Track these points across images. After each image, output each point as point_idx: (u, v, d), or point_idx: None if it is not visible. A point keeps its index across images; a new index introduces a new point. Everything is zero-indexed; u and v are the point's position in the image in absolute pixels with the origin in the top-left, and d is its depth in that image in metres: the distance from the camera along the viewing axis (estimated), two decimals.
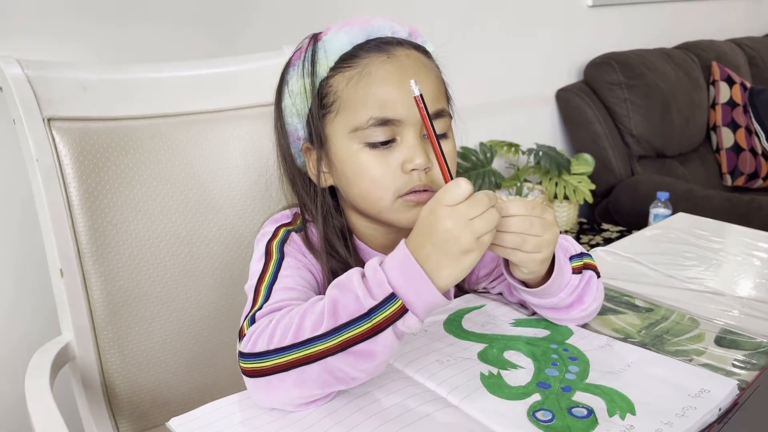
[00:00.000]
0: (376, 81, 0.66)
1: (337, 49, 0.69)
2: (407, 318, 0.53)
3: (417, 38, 0.72)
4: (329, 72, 0.69)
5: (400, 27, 0.71)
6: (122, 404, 0.90)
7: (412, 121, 0.66)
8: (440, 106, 0.69)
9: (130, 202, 0.89)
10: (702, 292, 0.85)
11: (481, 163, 1.97)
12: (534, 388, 0.59)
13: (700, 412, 0.56)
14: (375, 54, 0.67)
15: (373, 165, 0.67)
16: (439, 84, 0.71)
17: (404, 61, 0.67)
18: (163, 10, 1.25)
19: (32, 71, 0.84)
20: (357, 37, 0.69)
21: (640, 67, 2.27)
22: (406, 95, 0.64)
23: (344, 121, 0.68)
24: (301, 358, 0.54)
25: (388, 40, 0.69)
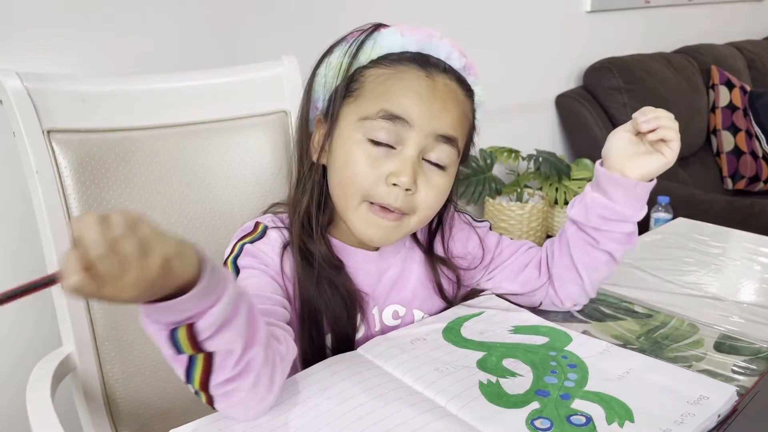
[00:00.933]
0: (404, 86, 0.67)
1: (386, 46, 0.69)
2: (200, 324, 0.48)
3: (469, 75, 0.72)
4: (368, 62, 0.70)
5: (459, 57, 0.71)
6: (123, 415, 0.90)
7: (421, 134, 0.66)
8: (452, 133, 0.68)
9: None
10: (702, 298, 0.85)
11: (481, 169, 1.97)
12: (533, 396, 0.59)
13: (699, 419, 0.56)
14: (416, 68, 0.68)
15: (363, 161, 0.67)
16: (463, 120, 0.70)
17: (440, 87, 0.68)
18: (162, 21, 1.25)
19: (32, 84, 0.84)
20: (410, 45, 0.69)
21: (640, 72, 2.28)
22: (427, 108, 0.66)
23: (358, 108, 0.68)
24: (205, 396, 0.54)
25: (437, 62, 0.69)
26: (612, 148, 0.74)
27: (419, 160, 0.67)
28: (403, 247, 0.77)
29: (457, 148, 0.69)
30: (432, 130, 0.67)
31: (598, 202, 0.74)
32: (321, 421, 0.57)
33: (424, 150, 0.67)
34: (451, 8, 1.86)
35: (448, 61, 0.70)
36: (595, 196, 0.75)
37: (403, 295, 0.77)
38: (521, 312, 0.78)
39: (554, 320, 0.76)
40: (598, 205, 0.74)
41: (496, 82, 2.06)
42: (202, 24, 1.32)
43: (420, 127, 0.66)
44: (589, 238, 0.76)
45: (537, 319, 0.76)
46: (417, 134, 0.66)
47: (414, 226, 0.71)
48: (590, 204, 0.75)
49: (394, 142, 0.67)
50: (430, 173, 0.69)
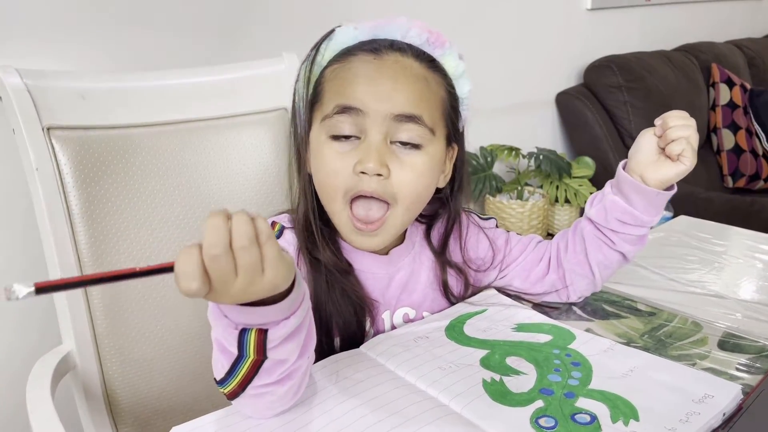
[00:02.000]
0: (351, 75, 0.66)
1: (340, 43, 0.69)
2: (271, 335, 0.48)
3: (436, 48, 0.70)
4: (327, 63, 0.70)
5: (418, 33, 0.69)
6: (124, 413, 0.90)
7: (377, 119, 0.64)
8: (410, 111, 0.65)
9: (131, 210, 0.89)
10: (704, 296, 0.85)
11: (481, 167, 1.97)
12: (537, 395, 0.59)
13: (704, 418, 0.55)
14: (365, 54, 0.67)
15: (331, 159, 0.66)
16: (426, 94, 0.67)
17: (388, 65, 0.66)
18: (163, 17, 1.25)
19: (31, 80, 0.84)
20: (363, 35, 0.69)
21: (640, 70, 2.27)
22: (374, 90, 0.64)
23: (320, 110, 0.68)
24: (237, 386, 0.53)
25: (390, 43, 0.68)
26: (638, 151, 0.73)
27: (386, 144, 0.65)
28: (413, 249, 0.77)
29: (423, 124, 0.66)
30: (388, 112, 0.64)
31: (619, 206, 0.74)
32: (323, 419, 0.56)
33: (388, 133, 0.65)
34: (451, 6, 1.85)
35: (406, 39, 0.69)
36: (616, 199, 0.75)
37: (413, 297, 0.76)
38: (525, 309, 0.77)
39: (557, 318, 0.76)
40: (619, 209, 0.74)
41: (497, 80, 2.06)
42: (203, 21, 1.31)
43: (375, 111, 0.64)
44: (606, 239, 0.77)
45: (540, 317, 0.75)
46: (374, 119, 0.64)
47: (402, 215, 0.68)
48: (610, 207, 0.75)
49: (358, 132, 0.66)
50: (403, 154, 0.66)
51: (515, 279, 0.82)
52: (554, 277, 0.81)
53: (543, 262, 0.82)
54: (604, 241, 0.77)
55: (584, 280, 0.80)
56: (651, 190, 0.72)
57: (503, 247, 0.82)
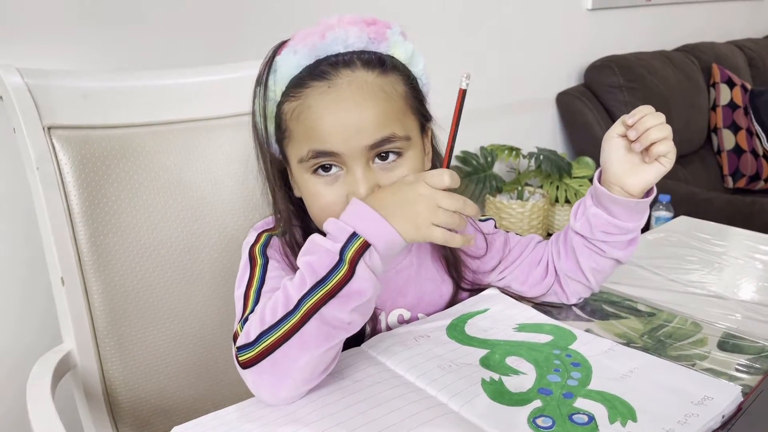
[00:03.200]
0: (314, 114, 0.65)
1: (286, 74, 0.67)
2: (371, 253, 0.58)
3: (380, 43, 0.67)
4: (281, 98, 0.68)
5: (358, 36, 0.66)
6: (124, 412, 0.90)
7: (353, 154, 0.64)
8: (382, 135, 0.64)
9: (131, 209, 0.89)
10: (704, 296, 0.85)
11: (481, 167, 1.97)
12: (535, 395, 0.59)
13: (703, 420, 0.55)
14: (317, 83, 0.65)
15: (321, 193, 0.67)
16: (389, 104, 0.66)
17: (344, 90, 0.64)
18: (162, 18, 1.25)
19: (32, 80, 0.84)
20: (305, 59, 0.66)
21: (640, 70, 2.27)
22: (342, 129, 0.64)
23: (293, 152, 0.68)
24: (298, 321, 0.57)
25: (335, 60, 0.65)
26: (608, 160, 0.72)
27: (369, 169, 0.65)
28: (409, 252, 0.77)
29: (398, 138, 0.65)
30: (361, 146, 0.64)
31: (601, 218, 0.74)
32: (322, 414, 0.57)
33: (368, 158, 0.65)
34: (452, 6, 1.86)
35: (348, 48, 0.66)
36: (597, 212, 0.74)
37: (409, 299, 0.77)
38: (526, 310, 0.77)
39: (558, 318, 0.76)
40: (601, 221, 0.74)
41: (497, 80, 2.06)
42: (203, 21, 1.31)
43: (349, 150, 0.64)
44: (595, 248, 0.77)
45: (542, 317, 0.75)
46: (350, 156, 0.64)
47: None
48: (593, 220, 0.75)
49: (339, 164, 0.66)
50: (387, 170, 0.66)
51: (514, 282, 0.82)
52: (551, 280, 0.81)
53: (541, 264, 0.82)
54: (594, 251, 0.77)
55: (579, 285, 0.80)
56: (630, 201, 0.71)
57: (501, 249, 0.82)
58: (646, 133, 0.68)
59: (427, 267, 0.78)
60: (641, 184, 0.71)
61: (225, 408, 0.59)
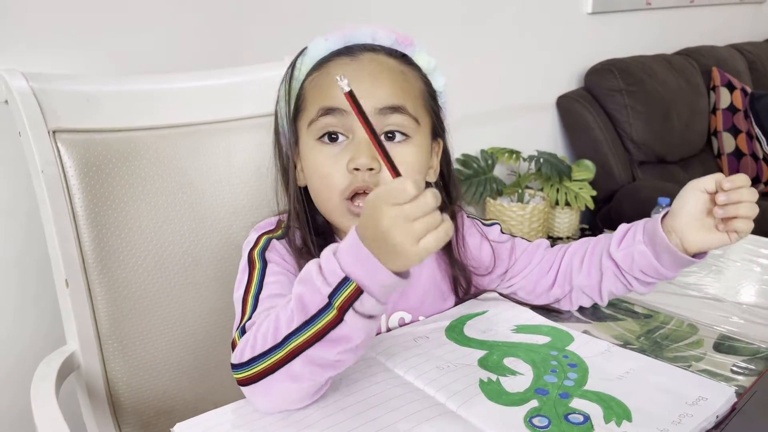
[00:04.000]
0: (331, 78, 0.68)
1: (315, 55, 0.72)
2: (364, 299, 0.53)
3: (406, 47, 0.72)
4: (304, 77, 0.72)
5: (386, 34, 0.72)
6: (127, 413, 0.91)
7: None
8: (394, 102, 0.67)
9: (135, 212, 0.90)
10: (701, 299, 0.86)
11: (482, 170, 1.98)
12: (532, 395, 0.60)
13: (697, 420, 0.56)
14: (340, 57, 0.70)
15: (323, 162, 0.68)
16: (405, 87, 0.69)
17: (365, 64, 0.69)
18: (166, 21, 1.26)
19: (37, 84, 0.85)
20: (335, 44, 0.71)
21: (641, 74, 2.28)
22: (355, 88, 0.62)
23: (305, 117, 0.70)
24: (285, 356, 0.56)
25: (361, 46, 0.71)
26: (682, 209, 0.69)
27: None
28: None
29: (407, 114, 0.68)
30: (372, 107, 0.66)
31: (647, 260, 0.72)
32: (321, 414, 0.58)
33: (376, 128, 0.64)
34: (452, 9, 1.87)
35: (376, 41, 0.71)
36: (645, 251, 0.72)
37: (410, 302, 0.77)
38: (524, 311, 0.78)
39: (555, 320, 0.77)
40: (646, 263, 0.72)
41: (498, 83, 2.07)
42: (206, 25, 1.32)
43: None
44: (625, 281, 0.75)
45: (539, 319, 0.76)
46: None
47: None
48: (638, 258, 0.72)
49: (345, 131, 0.67)
50: (392, 148, 0.67)
51: (520, 290, 0.81)
52: (559, 291, 0.80)
53: (550, 274, 0.80)
54: (622, 282, 0.76)
55: (590, 301, 0.80)
56: (685, 258, 0.69)
57: (507, 258, 0.81)
58: (737, 206, 0.65)
59: (432, 272, 0.79)
60: (702, 245, 0.69)
61: (226, 405, 0.60)
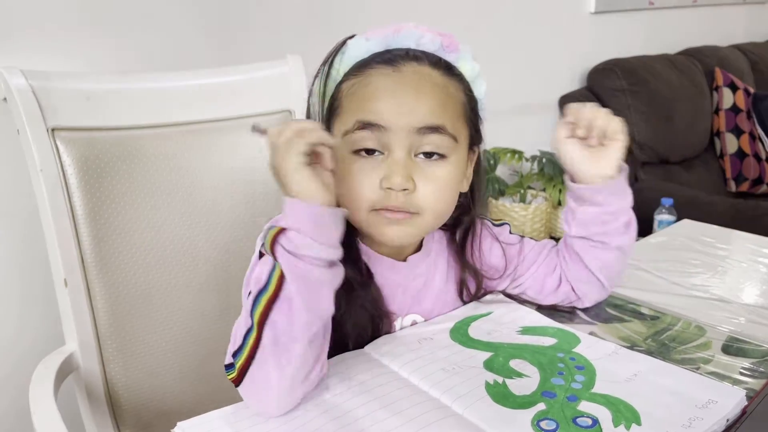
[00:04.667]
0: (371, 90, 0.65)
1: (354, 56, 0.69)
2: (290, 233, 0.56)
3: (450, 53, 0.69)
4: (342, 77, 0.69)
5: (431, 38, 0.68)
6: (126, 414, 0.90)
7: (400, 134, 0.64)
8: (433, 122, 0.65)
9: (134, 211, 0.89)
10: (708, 300, 0.85)
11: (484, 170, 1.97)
12: (539, 398, 0.59)
13: (707, 423, 0.55)
14: (382, 66, 0.66)
15: (356, 174, 0.66)
16: (447, 102, 0.67)
17: (408, 77, 0.66)
18: (167, 19, 1.25)
19: (36, 82, 0.84)
20: (376, 46, 0.68)
21: (643, 74, 2.27)
22: (396, 105, 0.64)
23: (339, 125, 0.68)
24: (256, 336, 0.56)
25: (404, 53, 0.67)
26: (571, 162, 0.74)
27: (410, 158, 0.65)
28: (428, 257, 0.76)
29: (446, 134, 0.66)
30: (411, 126, 0.64)
31: (590, 213, 0.75)
32: (325, 417, 0.57)
33: (412, 146, 0.65)
34: (455, 8, 1.86)
35: (420, 47, 0.68)
36: (584, 209, 0.75)
37: (424, 305, 0.76)
38: (530, 313, 0.77)
39: (562, 321, 0.76)
40: (592, 216, 0.75)
41: (500, 83, 2.05)
42: (207, 23, 1.32)
43: (397, 127, 0.64)
44: (598, 243, 0.77)
45: (545, 320, 0.75)
46: (397, 135, 0.64)
47: (430, 222, 0.69)
48: (584, 217, 0.75)
49: (381, 147, 0.65)
50: (427, 166, 0.66)
51: (529, 289, 0.81)
52: (566, 288, 0.80)
53: (556, 272, 0.80)
54: (597, 246, 0.77)
55: (593, 287, 0.80)
56: (606, 186, 0.72)
57: (515, 257, 0.80)
58: (593, 124, 0.70)
59: (444, 275, 0.78)
60: (610, 166, 0.72)
61: (230, 405, 0.59)
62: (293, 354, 0.56)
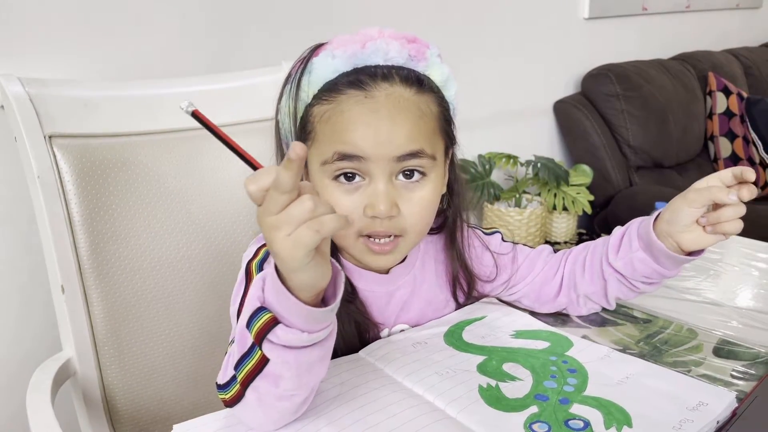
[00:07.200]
0: (346, 120, 0.64)
1: (321, 77, 0.66)
2: (278, 330, 0.50)
3: (419, 62, 0.67)
4: (311, 100, 0.67)
5: (399, 51, 0.66)
6: (123, 420, 0.90)
7: (380, 163, 0.64)
8: (411, 149, 0.64)
9: (131, 218, 0.90)
10: (700, 303, 0.85)
11: (480, 175, 1.98)
12: (531, 401, 0.60)
13: (697, 425, 0.56)
14: (353, 91, 0.64)
15: (338, 200, 0.65)
16: (421, 122, 0.66)
17: (381, 102, 0.64)
18: (164, 26, 1.26)
19: (33, 89, 0.85)
20: (343, 65, 0.66)
21: (637, 79, 2.29)
22: (373, 135, 0.63)
23: (316, 153, 0.67)
24: (238, 391, 0.55)
25: (374, 72, 0.65)
26: (677, 220, 0.70)
27: (392, 183, 0.65)
28: (413, 268, 0.76)
29: (425, 156, 0.65)
30: (389, 156, 0.64)
31: (648, 266, 0.73)
32: (321, 422, 0.57)
33: (392, 172, 0.65)
34: (448, 14, 1.87)
35: (388, 62, 0.65)
36: (645, 258, 0.73)
37: (411, 315, 0.76)
38: (523, 317, 0.78)
39: (555, 325, 0.77)
40: (648, 269, 0.74)
41: (495, 89, 2.07)
42: (203, 30, 1.32)
43: (377, 157, 0.64)
44: (631, 285, 0.77)
45: (539, 324, 0.76)
46: (377, 164, 0.64)
47: (414, 241, 0.69)
48: (638, 266, 0.74)
49: (361, 172, 0.65)
50: (409, 190, 0.66)
51: (524, 298, 0.81)
52: (565, 299, 0.80)
53: (555, 281, 0.80)
54: (627, 286, 0.77)
55: (598, 306, 0.81)
56: (683, 258, 0.71)
57: (509, 265, 0.80)
58: (718, 213, 0.69)
59: (431, 283, 0.78)
60: (696, 245, 0.70)
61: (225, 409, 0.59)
62: (281, 407, 0.55)
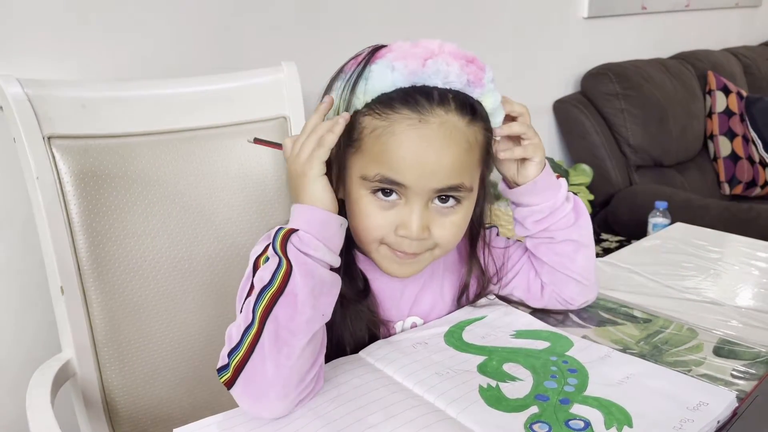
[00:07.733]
0: (396, 142, 0.64)
1: (378, 88, 0.65)
2: (300, 235, 0.60)
3: (475, 89, 0.67)
4: (363, 107, 0.66)
5: (458, 75, 0.65)
6: (123, 421, 0.90)
7: (419, 191, 0.65)
8: (453, 183, 0.66)
9: (130, 218, 0.89)
10: (700, 302, 0.85)
11: None
12: (532, 401, 0.60)
13: (698, 425, 0.56)
14: (407, 112, 0.64)
15: (372, 213, 0.66)
16: (467, 153, 0.66)
17: (433, 131, 0.64)
18: (163, 27, 1.26)
19: (32, 90, 0.85)
20: (402, 80, 0.65)
21: (637, 78, 2.28)
22: (419, 167, 0.64)
23: (358, 165, 0.67)
24: (256, 331, 0.58)
25: (431, 94, 0.64)
26: (502, 171, 0.78)
27: (426, 208, 0.66)
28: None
29: (464, 189, 0.67)
30: (431, 188, 0.65)
31: (524, 214, 0.77)
32: (321, 422, 0.57)
33: (429, 198, 0.66)
34: (448, 13, 1.87)
35: (447, 84, 0.65)
36: (518, 210, 0.78)
37: (422, 308, 0.77)
38: (523, 316, 0.78)
39: (555, 325, 0.77)
40: (526, 216, 0.77)
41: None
42: (203, 30, 1.32)
43: (418, 187, 0.65)
44: (545, 240, 0.78)
45: (539, 324, 0.76)
46: (416, 192, 0.65)
47: (437, 255, 0.70)
48: (521, 219, 0.78)
49: (401, 194, 0.66)
50: (442, 215, 0.67)
51: (516, 289, 0.82)
52: (550, 290, 0.81)
53: (536, 275, 0.82)
54: (546, 243, 0.78)
55: (568, 285, 0.80)
56: (528, 186, 0.75)
57: (501, 256, 0.82)
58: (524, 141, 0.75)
59: (440, 278, 0.79)
60: (527, 173, 0.75)
61: (226, 411, 0.59)
62: (292, 348, 0.58)
